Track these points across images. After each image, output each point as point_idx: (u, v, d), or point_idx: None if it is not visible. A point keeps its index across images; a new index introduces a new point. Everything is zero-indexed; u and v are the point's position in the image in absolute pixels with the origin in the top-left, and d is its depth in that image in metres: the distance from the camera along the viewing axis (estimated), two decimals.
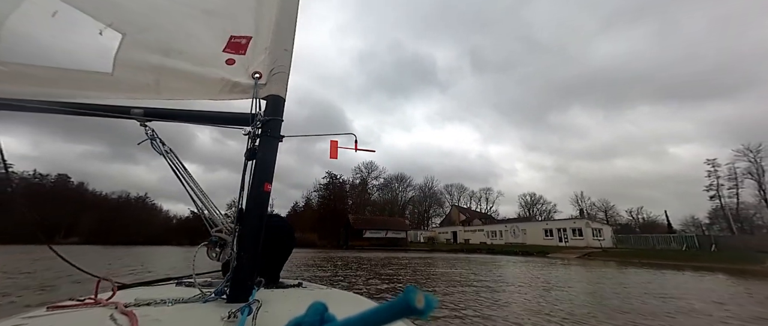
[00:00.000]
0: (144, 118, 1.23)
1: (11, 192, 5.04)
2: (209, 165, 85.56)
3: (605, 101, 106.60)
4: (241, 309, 0.81)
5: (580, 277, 12.43)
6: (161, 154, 1.22)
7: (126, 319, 0.76)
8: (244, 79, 1.30)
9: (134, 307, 0.87)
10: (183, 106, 1.34)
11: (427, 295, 0.25)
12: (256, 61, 1.34)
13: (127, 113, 1.24)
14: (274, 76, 1.31)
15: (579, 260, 24.70)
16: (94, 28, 1.30)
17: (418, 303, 0.24)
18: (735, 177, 44.22)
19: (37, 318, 0.79)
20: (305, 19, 2.96)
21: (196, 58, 1.33)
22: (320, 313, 0.32)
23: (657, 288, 9.39)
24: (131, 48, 1.30)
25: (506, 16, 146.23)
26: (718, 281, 12.22)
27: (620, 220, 64.49)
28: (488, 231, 49.58)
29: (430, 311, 0.24)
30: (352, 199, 68.19)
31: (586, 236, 36.28)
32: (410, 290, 0.25)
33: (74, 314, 0.85)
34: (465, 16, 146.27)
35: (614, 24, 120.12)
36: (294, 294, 1.33)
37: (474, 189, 77.67)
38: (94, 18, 1.31)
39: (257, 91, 1.26)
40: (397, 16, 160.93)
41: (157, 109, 1.28)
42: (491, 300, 6.96)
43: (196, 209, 1.22)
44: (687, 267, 18.88)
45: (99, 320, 0.78)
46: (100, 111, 1.25)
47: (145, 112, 1.24)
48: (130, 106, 1.25)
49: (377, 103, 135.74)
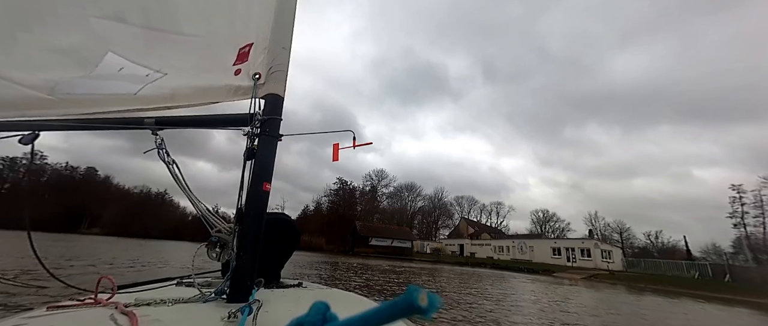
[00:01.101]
0: (155, 126, 1.27)
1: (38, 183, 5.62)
2: (224, 166, 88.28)
3: (624, 118, 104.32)
4: (241, 309, 0.81)
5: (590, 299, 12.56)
6: (165, 163, 1.25)
7: (126, 319, 0.76)
8: (246, 82, 1.33)
9: (134, 307, 0.87)
10: (190, 113, 1.41)
11: (430, 294, 0.24)
12: (255, 62, 1.37)
13: (140, 123, 1.30)
14: (272, 74, 1.31)
15: (585, 281, 24.35)
16: (143, 72, 1.42)
17: (421, 301, 0.24)
18: (761, 205, 42.13)
19: (37, 318, 0.78)
20: (318, 25, 3.26)
21: (212, 74, 1.41)
22: (322, 313, 0.32)
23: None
24: (163, 80, 1.42)
25: (519, 26, 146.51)
26: (744, 315, 12.01)
27: (637, 243, 61.94)
28: (495, 245, 49.05)
29: (433, 310, 0.24)
30: (361, 206, 68.63)
31: (595, 257, 35.52)
32: (412, 289, 0.24)
33: (74, 314, 0.85)
34: (478, 25, 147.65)
35: (633, 38, 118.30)
36: (294, 294, 1.33)
37: (485, 203, 76.59)
38: (146, 68, 1.44)
39: (256, 91, 1.27)
40: (410, 24, 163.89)
41: (168, 118, 1.33)
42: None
43: (198, 213, 1.25)
44: (701, 297, 18.33)
45: (99, 320, 0.78)
46: (116, 124, 1.34)
47: (156, 121, 1.29)
48: (143, 116, 1.32)
49: (389, 109, 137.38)
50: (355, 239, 49.58)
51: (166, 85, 1.39)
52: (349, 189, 68.36)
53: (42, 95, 1.38)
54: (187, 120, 1.38)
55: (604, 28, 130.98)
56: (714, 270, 27.86)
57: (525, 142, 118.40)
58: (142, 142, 1.27)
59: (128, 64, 1.45)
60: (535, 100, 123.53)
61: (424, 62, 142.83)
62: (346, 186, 68.06)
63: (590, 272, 30.29)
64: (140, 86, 1.38)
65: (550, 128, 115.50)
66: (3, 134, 1.38)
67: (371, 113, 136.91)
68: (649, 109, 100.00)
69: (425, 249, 56.76)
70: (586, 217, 65.09)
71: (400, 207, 72.27)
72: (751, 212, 42.51)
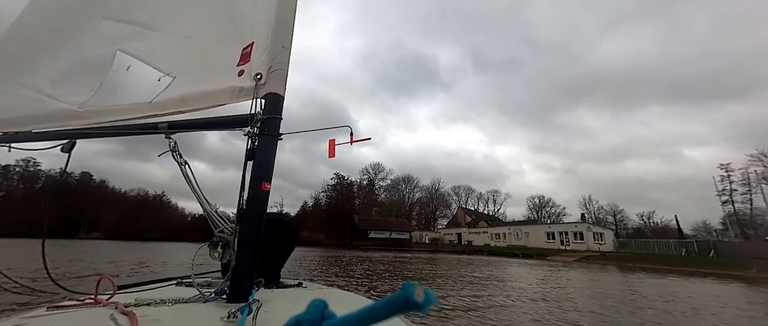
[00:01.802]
0: (169, 130, 1.32)
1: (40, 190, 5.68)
2: (218, 165, 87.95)
3: (613, 101, 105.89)
4: (240, 309, 0.81)
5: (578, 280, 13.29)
6: (179, 164, 1.29)
7: (126, 319, 0.76)
8: (248, 83, 1.34)
9: (134, 307, 0.87)
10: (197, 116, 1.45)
11: (426, 290, 0.25)
12: (257, 62, 1.38)
13: (155, 128, 1.35)
14: (272, 74, 1.31)
15: (577, 263, 25.28)
16: (155, 76, 1.52)
17: (417, 297, 0.24)
18: (748, 182, 43.34)
19: (37, 318, 0.78)
20: (306, 20, 3.38)
21: (218, 76, 1.45)
22: (320, 310, 0.33)
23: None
24: (173, 85, 1.48)
25: (506, 15, 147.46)
26: (681, 282, 12.96)
27: (632, 224, 63.40)
28: (492, 233, 50.09)
29: (429, 305, 0.24)
30: (359, 200, 69.23)
31: (587, 240, 36.60)
32: (409, 285, 0.25)
33: (74, 314, 0.84)
34: (465, 14, 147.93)
35: (619, 22, 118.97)
36: (294, 293, 1.34)
37: (482, 191, 77.85)
38: (157, 69, 1.54)
39: (257, 91, 1.28)
40: (397, 15, 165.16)
41: (179, 121, 1.39)
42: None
43: (204, 213, 1.27)
44: (673, 272, 19.35)
45: (99, 320, 0.77)
46: (134, 130, 1.44)
47: (169, 125, 1.34)
48: (157, 122, 1.38)
49: (381, 102, 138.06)
50: (354, 233, 50.31)
51: (176, 91, 1.46)
52: (346, 183, 68.93)
53: (73, 108, 1.53)
54: (195, 123, 1.42)
55: (590, 12, 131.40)
56: (700, 247, 29.00)
57: (518, 129, 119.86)
58: (136, 145, 1.39)
59: (137, 63, 1.55)
60: (526, 87, 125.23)
61: (413, 53, 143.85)
62: (344, 181, 68.61)
63: (582, 254, 31.29)
64: (155, 94, 1.47)
65: (542, 115, 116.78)
66: (46, 144, 1.52)
67: (363, 107, 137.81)
68: (637, 90, 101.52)
69: (424, 239, 57.70)
70: (580, 201, 66.68)
71: (398, 200, 72.95)
72: (739, 189, 43.90)
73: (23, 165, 59.31)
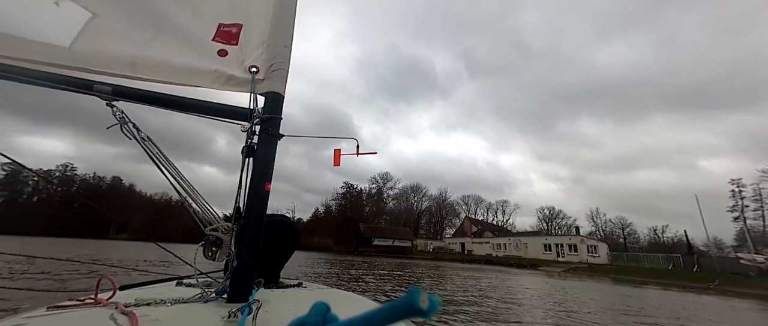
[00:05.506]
0: (111, 96, 1.08)
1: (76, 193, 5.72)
2: (229, 170, 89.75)
3: (613, 109, 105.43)
4: (241, 308, 0.81)
5: None
6: (135, 139, 1.08)
7: (126, 319, 0.76)
8: (239, 72, 1.26)
9: (134, 307, 0.87)
10: (169, 92, 1.20)
11: (431, 295, 0.24)
12: (252, 55, 1.31)
13: (88, 88, 1.08)
14: (273, 72, 1.28)
15: (561, 273, 27.11)
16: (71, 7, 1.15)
17: (422, 303, 0.24)
18: (760, 198, 43.03)
19: (37, 318, 0.78)
20: (303, 30, 4.56)
21: (183, 43, 1.26)
22: (322, 313, 0.32)
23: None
24: (102, 25, 1.19)
25: (499, 21, 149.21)
26: (635, 290, 15.04)
27: (642, 238, 61.02)
28: (494, 243, 51.80)
29: (434, 311, 0.24)
30: (368, 207, 71.59)
31: (581, 252, 38.26)
32: (414, 290, 0.25)
33: (74, 314, 0.84)
34: (457, 19, 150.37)
35: (613, 30, 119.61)
36: (294, 294, 1.34)
37: (491, 201, 78.37)
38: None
39: (255, 87, 1.23)
40: (389, 21, 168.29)
41: (131, 89, 1.14)
42: None
43: (185, 204, 1.17)
44: (649, 283, 21.19)
45: (99, 320, 0.77)
46: (54, 81, 1.07)
47: (113, 90, 1.09)
48: (93, 80, 1.10)
49: (381, 108, 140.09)
50: (359, 240, 53.19)
51: (114, 45, 1.17)
52: (355, 192, 71.67)
53: None
54: (163, 98, 1.18)
55: (584, 19, 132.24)
56: (685, 262, 30.49)
57: (519, 137, 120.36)
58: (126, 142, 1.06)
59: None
60: (523, 94, 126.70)
61: (408, 57, 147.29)
62: (353, 190, 71.36)
63: (573, 265, 32.89)
64: (71, 36, 1.13)
65: (542, 122, 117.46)
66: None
67: (363, 114, 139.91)
68: (637, 99, 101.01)
69: (428, 247, 59.56)
70: (587, 214, 66.36)
71: (407, 208, 74.71)
72: (751, 205, 43.23)
73: (62, 171, 65.43)
